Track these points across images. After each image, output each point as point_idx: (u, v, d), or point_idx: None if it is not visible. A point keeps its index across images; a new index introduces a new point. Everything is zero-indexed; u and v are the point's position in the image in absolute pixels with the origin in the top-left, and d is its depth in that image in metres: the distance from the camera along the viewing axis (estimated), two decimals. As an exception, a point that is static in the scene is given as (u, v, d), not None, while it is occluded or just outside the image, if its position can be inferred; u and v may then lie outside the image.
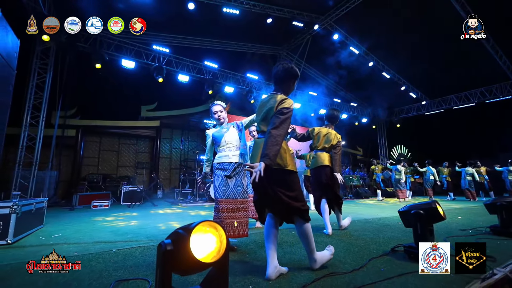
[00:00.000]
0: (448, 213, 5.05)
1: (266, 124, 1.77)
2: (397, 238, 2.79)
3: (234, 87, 10.57)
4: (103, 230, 3.38)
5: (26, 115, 6.93)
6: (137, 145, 11.58)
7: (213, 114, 2.54)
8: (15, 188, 6.51)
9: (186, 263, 0.91)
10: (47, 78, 7.32)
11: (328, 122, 3.38)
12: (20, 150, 6.78)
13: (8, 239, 2.51)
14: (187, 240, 0.91)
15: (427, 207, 1.95)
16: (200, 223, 0.97)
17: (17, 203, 2.63)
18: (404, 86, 13.28)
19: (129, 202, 7.03)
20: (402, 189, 8.37)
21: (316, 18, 9.93)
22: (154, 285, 1.06)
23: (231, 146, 2.47)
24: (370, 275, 1.70)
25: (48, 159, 7.55)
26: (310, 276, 1.68)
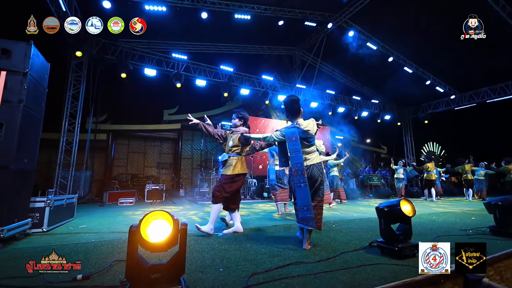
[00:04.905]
0: (461, 214, 4.86)
1: None
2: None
3: (249, 89, 10.87)
4: (120, 222, 3.87)
5: (64, 122, 7.87)
6: (161, 146, 12.40)
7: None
8: (56, 186, 7.46)
9: (144, 242, 1.21)
10: (81, 88, 8.22)
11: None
12: (60, 153, 7.73)
13: (43, 227, 3.05)
14: (140, 224, 1.21)
15: (391, 206, 2.05)
16: (149, 213, 1.27)
17: (50, 198, 3.17)
18: (429, 80, 12.59)
19: (152, 200, 7.67)
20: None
21: (329, 17, 9.87)
22: (126, 264, 1.30)
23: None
24: (333, 265, 1.87)
25: (83, 161, 8.49)
26: (278, 263, 1.90)
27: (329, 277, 1.65)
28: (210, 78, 10.20)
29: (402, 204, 2.06)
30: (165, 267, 1.32)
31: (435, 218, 4.25)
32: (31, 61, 2.59)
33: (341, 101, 13.16)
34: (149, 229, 1.26)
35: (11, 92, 2.45)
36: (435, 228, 3.35)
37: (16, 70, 2.50)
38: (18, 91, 2.47)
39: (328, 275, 1.68)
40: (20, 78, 2.50)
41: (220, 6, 8.14)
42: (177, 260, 1.33)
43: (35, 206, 3.02)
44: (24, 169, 2.63)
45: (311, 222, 2.24)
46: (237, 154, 3.09)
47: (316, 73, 11.76)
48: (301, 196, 2.29)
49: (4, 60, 2.49)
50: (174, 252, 1.39)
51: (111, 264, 1.86)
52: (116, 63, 8.62)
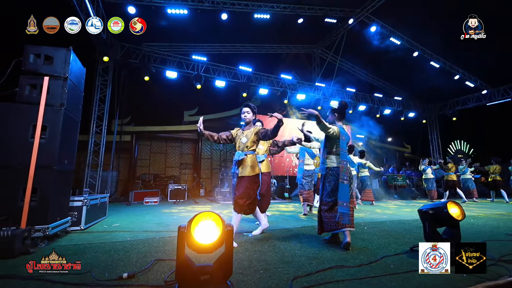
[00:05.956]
0: (503, 218, 4.53)
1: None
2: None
3: (268, 89, 10.83)
4: (150, 222, 3.97)
5: (92, 125, 8.23)
6: (181, 147, 12.66)
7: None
8: (85, 186, 7.82)
9: (193, 242, 1.21)
10: (107, 92, 8.57)
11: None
12: (89, 155, 8.10)
13: (81, 225, 3.18)
14: (190, 225, 1.20)
15: (437, 208, 1.93)
16: (199, 214, 1.26)
17: (87, 197, 3.31)
18: (458, 74, 11.90)
19: (174, 199, 7.84)
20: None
21: (350, 12, 9.61)
22: (176, 265, 1.35)
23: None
24: (376, 270, 1.79)
25: (109, 161, 8.84)
26: (318, 267, 1.84)
27: (376, 283, 1.57)
28: (229, 79, 10.27)
29: (449, 207, 1.94)
30: (213, 268, 1.30)
31: (473, 221, 3.99)
32: (70, 66, 2.70)
33: (362, 98, 12.78)
34: (196, 230, 1.26)
35: (54, 96, 2.57)
36: (477, 233, 3.13)
37: (57, 75, 2.62)
38: (59, 95, 2.59)
39: (374, 280, 1.60)
40: (61, 83, 2.62)
41: (240, 6, 8.16)
42: (224, 262, 1.31)
43: (74, 205, 3.16)
44: (65, 170, 2.75)
45: (347, 218, 2.40)
46: (253, 151, 2.80)
47: (336, 70, 11.50)
48: (343, 192, 2.44)
49: (47, 66, 2.62)
50: (216, 254, 1.39)
51: (152, 263, 1.89)
52: (140, 66, 8.89)
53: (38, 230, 2.35)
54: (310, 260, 2.00)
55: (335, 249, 2.34)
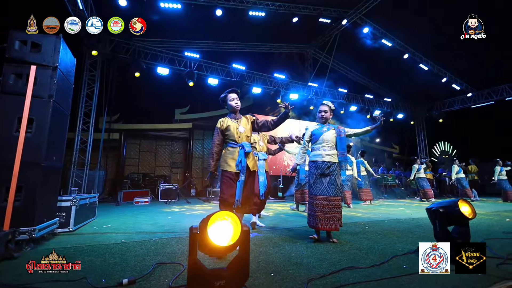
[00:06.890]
0: (495, 215, 4.64)
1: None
2: (429, 238, 2.70)
3: (261, 87, 10.73)
4: (144, 222, 3.78)
5: (79, 122, 7.86)
6: (172, 146, 12.36)
7: (318, 113, 2.77)
8: (71, 185, 7.45)
9: (207, 244, 1.09)
10: (95, 88, 8.20)
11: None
12: (75, 153, 7.73)
13: (70, 227, 2.97)
14: (205, 226, 1.09)
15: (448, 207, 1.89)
16: (216, 212, 1.14)
17: (76, 197, 3.09)
18: (445, 77, 12.25)
19: (165, 199, 7.61)
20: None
21: (344, 13, 9.67)
22: (188, 269, 1.23)
23: (325, 145, 2.63)
24: (390, 270, 1.73)
25: (97, 160, 8.47)
26: (329, 268, 1.76)
27: (394, 285, 1.50)
28: (222, 77, 10.10)
29: (461, 205, 1.91)
30: (228, 273, 1.19)
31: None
32: (60, 55, 2.50)
33: (353, 99, 12.92)
34: (210, 231, 1.14)
35: (41, 87, 2.37)
36: (475, 232, 3.15)
37: (46, 64, 2.42)
38: (48, 86, 2.39)
39: (392, 282, 1.54)
40: (50, 73, 2.42)
41: (235, 3, 8.02)
42: (240, 265, 1.20)
43: (62, 205, 2.94)
44: (53, 167, 2.55)
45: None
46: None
47: (328, 71, 11.56)
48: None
49: (34, 54, 2.41)
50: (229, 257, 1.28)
51: (154, 267, 1.75)
52: (130, 62, 8.57)
53: (23, 233, 2.15)
54: (320, 262, 1.92)
55: (341, 249, 2.27)
